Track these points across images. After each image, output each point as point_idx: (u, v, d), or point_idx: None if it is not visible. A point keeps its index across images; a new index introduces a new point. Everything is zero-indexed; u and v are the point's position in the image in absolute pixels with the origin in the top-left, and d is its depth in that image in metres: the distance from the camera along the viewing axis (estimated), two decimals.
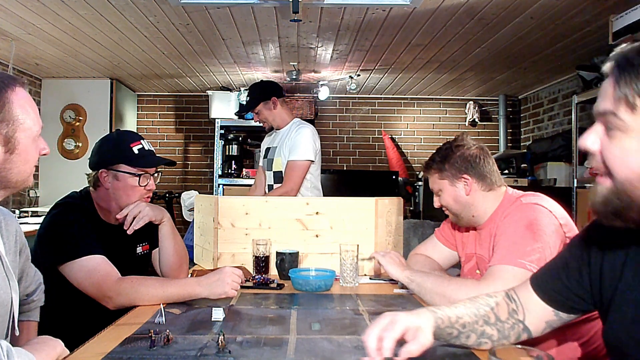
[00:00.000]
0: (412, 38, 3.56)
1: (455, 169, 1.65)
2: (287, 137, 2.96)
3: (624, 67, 0.81)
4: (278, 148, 2.99)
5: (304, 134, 2.88)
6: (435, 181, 1.72)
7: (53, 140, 4.91)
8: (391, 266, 1.71)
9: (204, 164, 5.65)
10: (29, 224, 3.65)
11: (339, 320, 1.37)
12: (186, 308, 1.47)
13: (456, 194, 1.66)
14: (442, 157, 1.69)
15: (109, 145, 1.73)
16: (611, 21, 2.80)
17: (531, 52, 3.84)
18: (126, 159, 1.69)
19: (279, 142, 3.01)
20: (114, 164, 1.69)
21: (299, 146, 2.84)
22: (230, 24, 3.31)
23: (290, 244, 2.03)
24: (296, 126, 2.97)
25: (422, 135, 5.74)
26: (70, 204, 1.68)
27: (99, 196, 1.73)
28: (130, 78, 4.97)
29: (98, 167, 1.70)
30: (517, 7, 2.92)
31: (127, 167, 1.69)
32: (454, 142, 1.70)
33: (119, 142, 1.72)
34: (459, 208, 1.68)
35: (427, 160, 1.76)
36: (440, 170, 1.69)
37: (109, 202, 1.72)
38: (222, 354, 1.08)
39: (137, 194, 1.71)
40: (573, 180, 3.50)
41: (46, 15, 3.11)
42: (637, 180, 0.80)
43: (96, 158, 1.72)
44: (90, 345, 1.14)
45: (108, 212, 1.74)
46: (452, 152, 1.67)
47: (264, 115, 2.99)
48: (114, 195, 1.70)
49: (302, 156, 2.84)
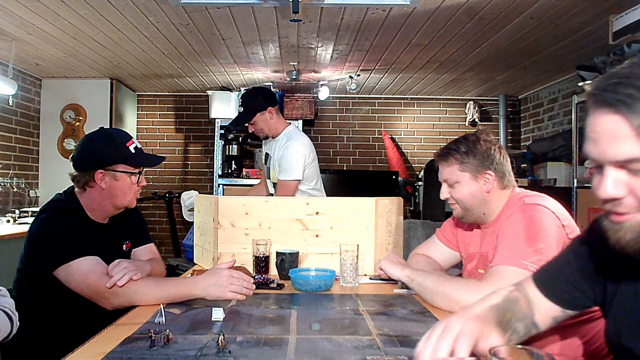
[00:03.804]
0: (412, 38, 3.56)
1: (480, 163, 1.59)
2: (277, 149, 2.93)
3: (627, 101, 0.73)
4: (273, 159, 2.97)
5: (292, 152, 2.83)
6: (453, 171, 1.62)
7: (53, 140, 4.90)
8: (391, 266, 1.70)
9: (204, 164, 5.65)
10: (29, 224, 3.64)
11: (339, 320, 1.37)
12: (186, 308, 1.46)
13: (475, 189, 1.60)
14: (467, 148, 1.60)
15: (104, 144, 1.69)
16: (611, 21, 2.80)
17: (531, 52, 3.84)
18: (125, 158, 1.69)
19: (274, 152, 2.97)
20: (113, 164, 1.67)
21: (287, 166, 2.82)
22: (230, 24, 3.31)
23: (290, 244, 2.03)
24: (286, 139, 2.90)
25: (422, 135, 5.74)
26: (57, 207, 1.65)
27: (90, 196, 1.70)
28: (130, 78, 4.97)
29: (94, 167, 1.66)
30: (517, 7, 2.92)
31: (126, 167, 1.69)
32: (481, 134, 1.63)
33: (115, 142, 1.69)
34: (473, 204, 1.62)
35: (446, 148, 1.65)
36: (462, 161, 1.60)
37: (102, 201, 1.70)
38: (222, 354, 1.08)
39: (132, 192, 1.72)
40: (573, 180, 3.50)
41: (46, 15, 3.11)
42: None
43: (90, 158, 1.67)
44: (90, 345, 1.14)
45: (97, 212, 1.73)
46: (480, 145, 1.60)
47: (259, 127, 2.92)
48: (110, 194, 1.69)
49: (290, 176, 2.82)
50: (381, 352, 1.10)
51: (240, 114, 3.06)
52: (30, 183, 4.71)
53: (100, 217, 1.75)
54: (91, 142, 1.70)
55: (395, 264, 1.71)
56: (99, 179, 1.66)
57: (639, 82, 0.73)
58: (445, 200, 1.71)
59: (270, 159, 3.00)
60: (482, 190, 1.60)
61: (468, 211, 1.65)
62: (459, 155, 1.61)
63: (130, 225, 1.87)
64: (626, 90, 0.73)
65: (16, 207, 4.27)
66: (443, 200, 1.72)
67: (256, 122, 2.90)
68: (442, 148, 1.68)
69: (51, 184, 4.81)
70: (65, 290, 1.53)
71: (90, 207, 1.71)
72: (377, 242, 2.07)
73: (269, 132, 2.95)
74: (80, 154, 1.70)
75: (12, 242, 3.11)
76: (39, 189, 4.86)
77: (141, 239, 1.92)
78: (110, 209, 1.73)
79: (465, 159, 1.60)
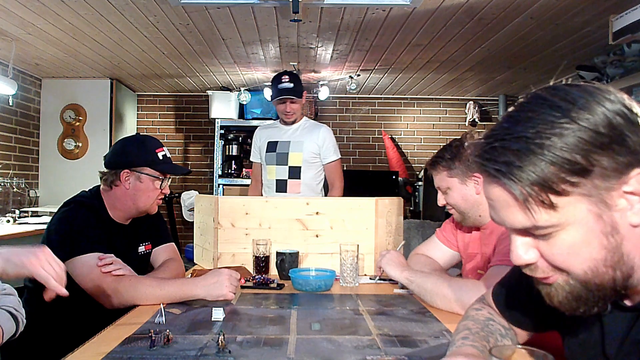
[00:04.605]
0: (412, 38, 3.56)
1: (466, 167, 1.61)
2: (308, 133, 3.11)
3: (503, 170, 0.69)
4: (293, 143, 3.10)
5: (331, 135, 3.20)
6: (443, 179, 1.67)
7: (53, 140, 4.90)
8: (390, 267, 1.70)
9: (204, 164, 5.65)
10: (29, 224, 3.65)
11: (339, 320, 1.37)
12: (186, 308, 1.47)
13: (466, 192, 1.63)
14: (452, 155, 1.64)
15: (135, 147, 1.77)
16: (611, 21, 2.80)
17: (531, 52, 3.84)
18: (152, 162, 1.75)
19: (292, 136, 3.11)
20: (139, 166, 1.73)
21: (336, 147, 3.18)
22: (230, 24, 3.31)
23: (290, 244, 2.03)
24: (313, 126, 3.18)
25: (422, 135, 5.74)
26: (80, 201, 1.70)
27: (115, 195, 1.75)
28: (130, 78, 4.97)
29: (121, 167, 1.73)
30: (517, 7, 2.92)
31: (151, 171, 1.75)
32: (465, 139, 1.65)
33: (145, 146, 1.77)
34: (467, 207, 1.64)
35: (433, 157, 1.70)
36: (449, 167, 1.64)
37: (125, 201, 1.75)
38: (222, 354, 1.08)
39: (154, 197, 1.78)
40: None
41: (46, 15, 3.11)
42: (599, 264, 0.69)
43: (119, 158, 1.75)
44: (90, 345, 1.14)
45: (119, 211, 1.77)
46: (464, 150, 1.63)
47: (297, 107, 3.10)
48: (134, 196, 1.74)
49: (339, 155, 3.19)
50: (381, 352, 1.10)
51: (292, 88, 3.04)
52: (30, 183, 4.71)
53: (122, 217, 1.79)
54: (124, 144, 1.81)
55: (395, 264, 1.71)
56: (124, 179, 1.72)
57: (515, 143, 0.68)
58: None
59: (285, 144, 3.11)
60: (473, 192, 1.62)
61: (464, 215, 1.68)
62: (445, 162, 1.66)
63: (150, 225, 1.90)
64: (502, 157, 0.69)
65: (16, 207, 4.27)
66: None
67: (298, 102, 3.08)
68: (431, 157, 1.73)
69: (51, 184, 4.82)
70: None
71: (113, 206, 1.76)
72: (377, 242, 2.07)
73: (298, 115, 3.15)
74: (112, 154, 1.79)
75: (12, 242, 3.11)
76: (39, 189, 4.86)
77: (161, 239, 1.94)
78: (132, 210, 1.78)
79: (452, 165, 1.64)
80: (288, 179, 3.07)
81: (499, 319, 1.06)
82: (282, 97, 3.03)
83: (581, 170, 0.66)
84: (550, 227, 0.69)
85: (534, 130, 0.68)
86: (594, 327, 0.83)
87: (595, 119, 0.67)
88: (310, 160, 3.10)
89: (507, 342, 1.02)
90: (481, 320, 1.05)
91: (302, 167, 3.08)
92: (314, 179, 3.12)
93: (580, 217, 0.68)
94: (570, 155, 0.66)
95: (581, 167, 0.66)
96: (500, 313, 1.06)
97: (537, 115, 0.69)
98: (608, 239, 0.68)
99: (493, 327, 1.03)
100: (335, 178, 3.16)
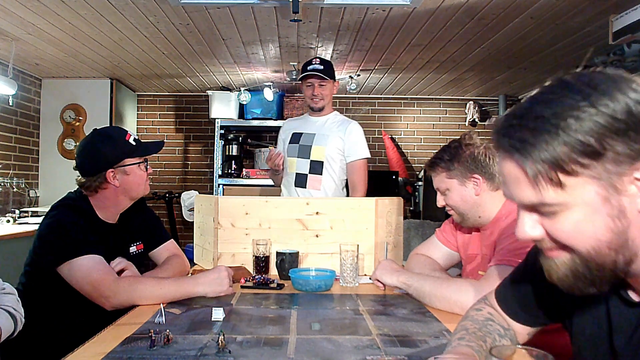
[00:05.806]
0: (412, 38, 3.56)
1: (465, 168, 1.61)
2: (335, 127, 2.90)
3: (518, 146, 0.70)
4: (318, 136, 2.90)
5: (361, 133, 2.98)
6: (442, 180, 1.67)
7: (53, 140, 4.90)
8: (386, 275, 1.70)
9: (204, 164, 5.65)
10: (29, 224, 3.64)
11: (339, 320, 1.37)
12: (186, 308, 1.47)
13: (465, 193, 1.62)
14: (451, 156, 1.64)
15: (106, 144, 1.71)
16: (611, 21, 2.80)
17: (531, 52, 3.84)
18: (129, 151, 1.73)
19: (319, 129, 2.92)
20: (120, 160, 1.71)
21: (364, 145, 2.96)
22: (230, 24, 3.31)
23: (290, 244, 2.03)
24: (342, 121, 2.96)
25: (422, 135, 5.74)
26: (67, 204, 1.68)
27: (104, 196, 1.72)
28: (130, 78, 4.97)
29: (104, 169, 1.68)
30: (517, 7, 2.92)
31: (132, 159, 1.73)
32: (463, 140, 1.65)
33: (115, 140, 1.73)
34: (466, 208, 1.64)
35: (432, 159, 1.70)
36: (448, 169, 1.64)
37: (117, 198, 1.73)
38: (222, 354, 1.08)
39: (144, 180, 1.77)
40: None
41: (46, 15, 3.11)
42: (603, 245, 0.71)
43: (97, 161, 1.69)
44: (90, 345, 1.14)
45: (109, 210, 1.75)
46: (462, 151, 1.63)
47: (327, 92, 2.92)
48: (125, 189, 1.73)
49: (367, 153, 2.96)
50: (381, 352, 1.10)
51: (321, 69, 2.91)
52: (30, 183, 4.71)
53: (111, 216, 1.76)
54: (92, 145, 1.72)
55: (390, 271, 1.70)
56: (111, 178, 1.69)
57: (532, 122, 0.70)
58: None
59: (309, 137, 2.91)
60: (472, 193, 1.62)
61: (464, 216, 1.67)
62: (443, 163, 1.65)
63: (142, 224, 1.88)
64: (518, 133, 0.71)
65: (16, 207, 4.27)
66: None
67: (328, 87, 2.92)
68: (430, 158, 1.72)
69: (51, 184, 4.81)
70: (66, 288, 1.54)
71: (101, 207, 1.73)
72: (377, 242, 2.07)
73: (326, 103, 2.94)
74: (85, 160, 1.72)
75: (12, 242, 3.11)
76: (39, 189, 4.86)
77: (158, 238, 1.93)
78: (126, 203, 1.78)
79: (451, 166, 1.64)
80: (309, 173, 2.87)
81: (499, 319, 1.07)
82: (308, 74, 2.84)
83: (593, 153, 0.67)
84: (556, 205, 0.71)
85: (552, 111, 0.69)
86: (601, 321, 0.84)
87: (615, 105, 0.67)
88: (333, 157, 2.87)
89: (505, 342, 1.02)
90: (480, 320, 1.06)
91: (325, 162, 2.86)
92: (337, 177, 2.90)
93: (587, 199, 0.69)
94: (583, 137, 0.67)
95: (593, 149, 0.67)
96: (504, 311, 1.06)
97: (558, 97, 0.71)
98: (615, 222, 0.70)
99: (491, 327, 1.04)
100: (358, 181, 2.89)
